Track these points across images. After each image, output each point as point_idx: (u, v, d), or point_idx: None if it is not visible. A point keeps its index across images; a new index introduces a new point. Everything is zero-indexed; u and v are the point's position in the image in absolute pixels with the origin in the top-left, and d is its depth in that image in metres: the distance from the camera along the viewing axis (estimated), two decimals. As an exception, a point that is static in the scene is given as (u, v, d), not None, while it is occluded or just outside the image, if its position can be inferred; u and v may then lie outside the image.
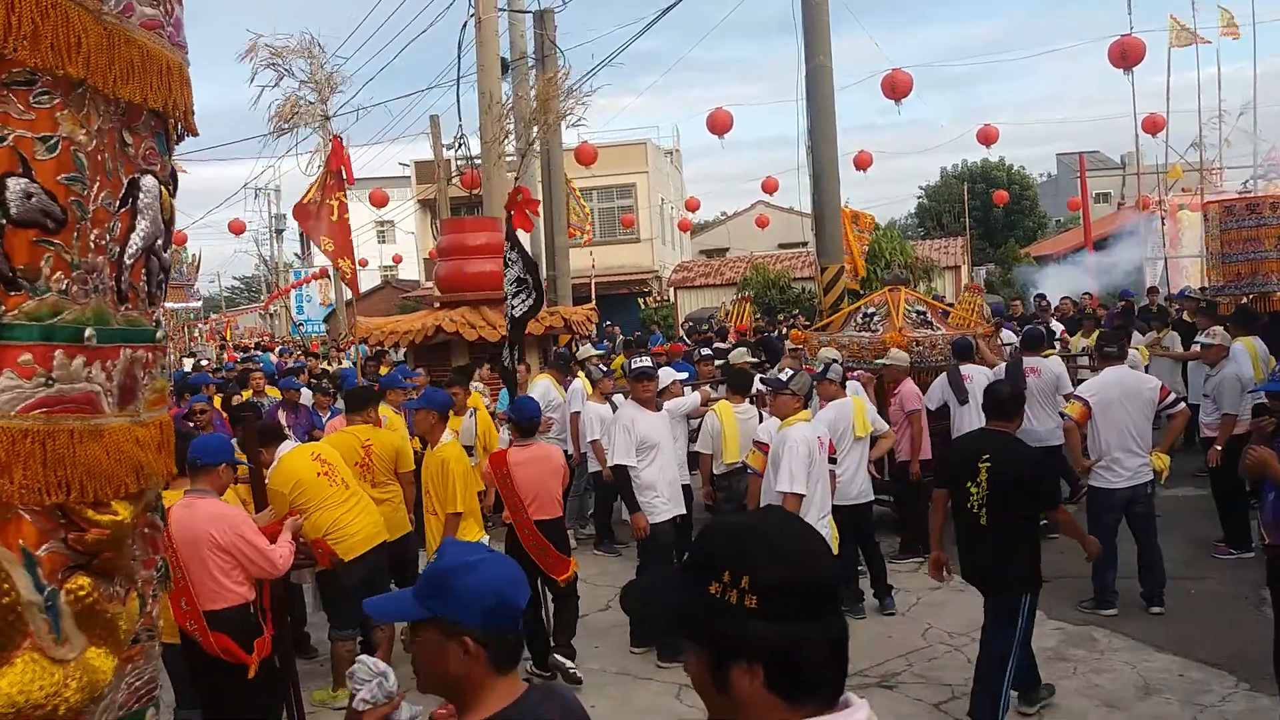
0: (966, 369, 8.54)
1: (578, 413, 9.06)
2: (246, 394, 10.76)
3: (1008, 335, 10.92)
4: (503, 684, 1.89)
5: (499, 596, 1.87)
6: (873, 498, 7.39)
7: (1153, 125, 20.74)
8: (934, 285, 24.41)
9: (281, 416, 9.16)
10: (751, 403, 7.86)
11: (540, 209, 16.30)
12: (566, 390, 9.45)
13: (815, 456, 5.92)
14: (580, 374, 9.71)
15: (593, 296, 18.38)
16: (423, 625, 1.89)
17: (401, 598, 2.00)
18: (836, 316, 10.65)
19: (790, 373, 6.90)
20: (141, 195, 1.68)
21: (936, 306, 10.41)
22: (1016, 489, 4.91)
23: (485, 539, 6.63)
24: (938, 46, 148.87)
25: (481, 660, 1.85)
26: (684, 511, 6.63)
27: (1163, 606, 6.61)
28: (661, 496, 6.42)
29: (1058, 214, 44.37)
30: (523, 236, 7.60)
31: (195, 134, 1.82)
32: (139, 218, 1.68)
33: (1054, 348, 9.81)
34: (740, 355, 9.92)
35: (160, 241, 1.75)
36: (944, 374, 8.64)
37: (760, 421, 7.35)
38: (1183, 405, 7.33)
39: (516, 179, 8.80)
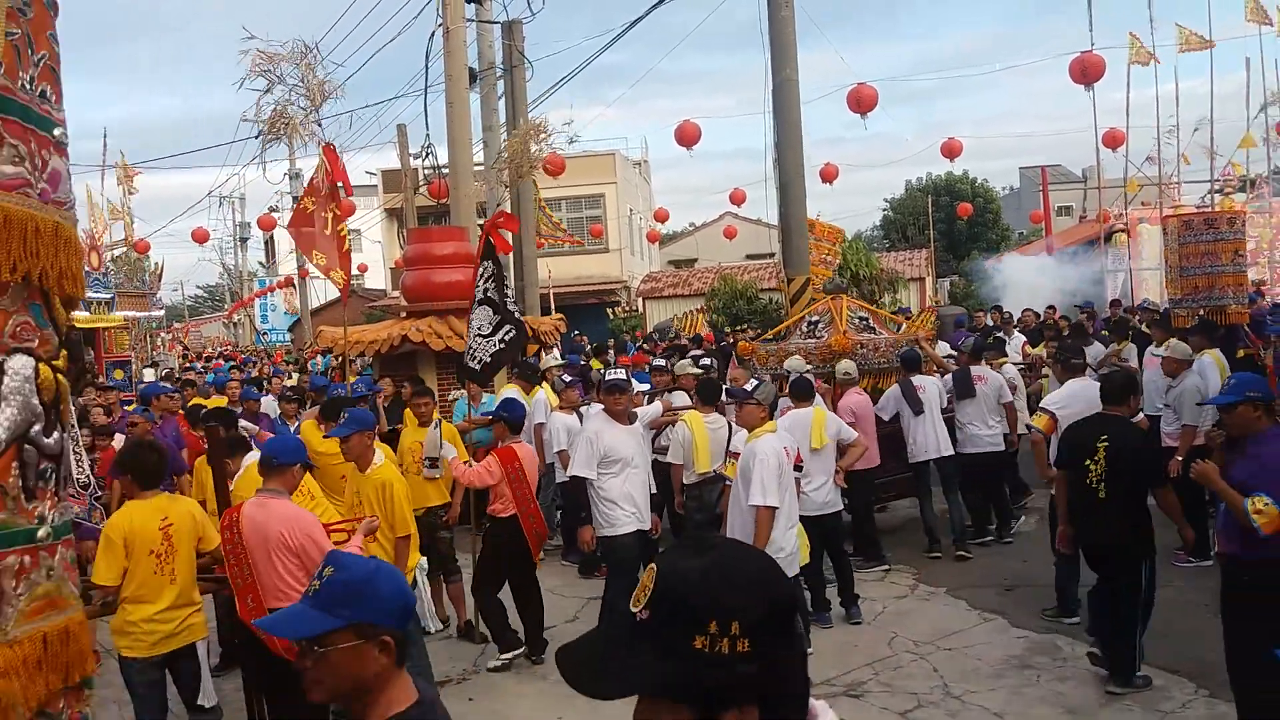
0: (918, 380, 8.68)
1: (542, 423, 9.05)
2: (218, 401, 10.55)
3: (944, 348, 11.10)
4: (403, 680, 2.00)
5: (405, 597, 2.05)
6: (840, 508, 7.42)
7: (1113, 140, 21.09)
8: (899, 297, 24.61)
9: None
10: (721, 413, 7.88)
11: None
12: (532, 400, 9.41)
13: (785, 467, 5.93)
14: (545, 385, 9.67)
15: (551, 307, 18.33)
16: (332, 634, 1.92)
17: (301, 614, 1.96)
18: (784, 325, 10.84)
19: (755, 383, 6.94)
20: (6, 379, 1.47)
21: (878, 313, 10.79)
22: (1132, 466, 5.51)
23: (424, 561, 6.70)
24: (902, 61, 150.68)
25: (393, 658, 1.96)
26: (648, 526, 6.57)
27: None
28: (625, 510, 6.37)
29: (1020, 226, 44.92)
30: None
31: (81, 298, 1.60)
32: (3, 405, 1.47)
33: (1006, 357, 10.04)
34: (684, 367, 9.90)
35: (39, 428, 1.53)
36: (896, 385, 8.77)
37: (730, 431, 7.39)
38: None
39: (496, 207, 8.77)
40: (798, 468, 6.42)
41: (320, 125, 10.14)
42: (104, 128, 55.82)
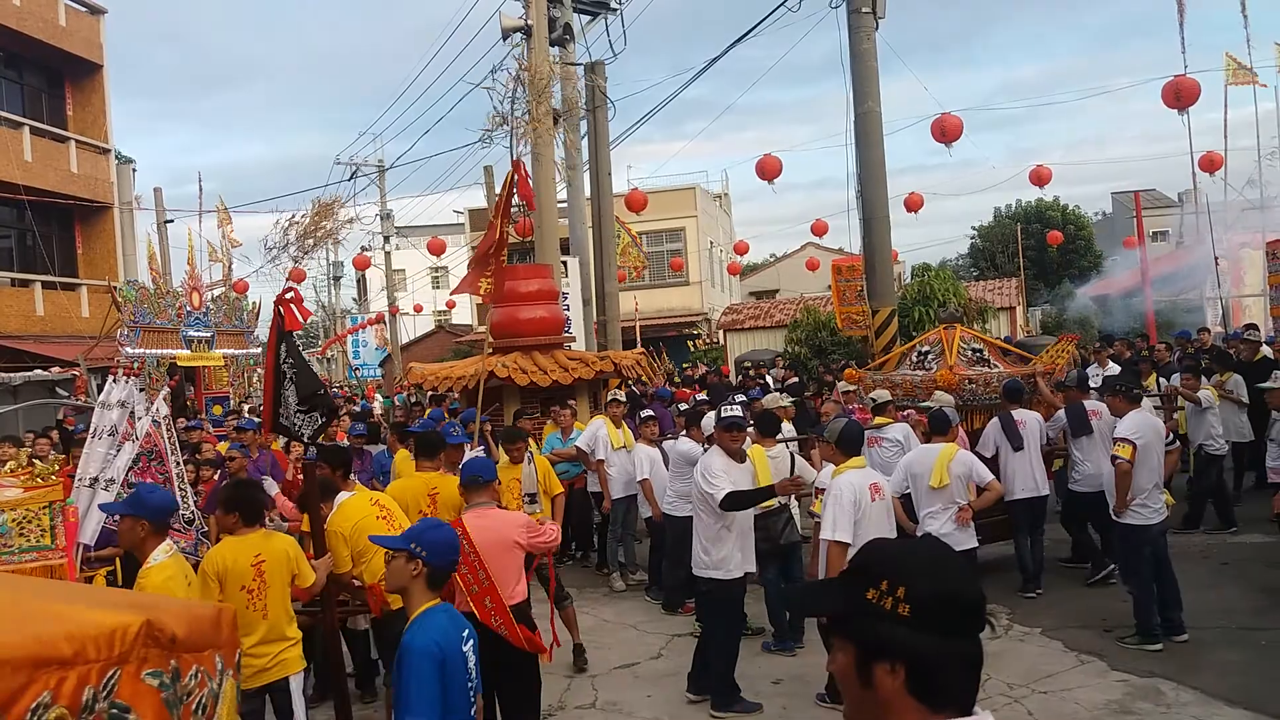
0: (1019, 414, 8.41)
1: (603, 460, 9.29)
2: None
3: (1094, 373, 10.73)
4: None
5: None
6: (974, 544, 7.16)
7: (1210, 163, 20.41)
8: (988, 327, 24.07)
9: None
10: (785, 445, 7.84)
11: (591, 254, 16.51)
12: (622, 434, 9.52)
13: (864, 504, 5.83)
14: (605, 419, 9.71)
15: (637, 340, 18.44)
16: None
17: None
18: (892, 355, 10.60)
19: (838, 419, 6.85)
20: None
21: (995, 345, 10.29)
22: None
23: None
24: (986, 86, 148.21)
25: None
26: (753, 569, 6.42)
27: (1185, 633, 6.83)
28: (738, 554, 6.21)
29: (1113, 253, 43.67)
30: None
31: None
32: None
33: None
34: (775, 400, 9.91)
35: None
36: (995, 419, 8.49)
37: (793, 462, 7.39)
38: (1177, 444, 8.01)
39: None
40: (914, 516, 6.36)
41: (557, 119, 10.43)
42: (199, 172, 58.04)
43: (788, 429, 8.87)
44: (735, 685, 6.21)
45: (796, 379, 16.78)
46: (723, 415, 6.47)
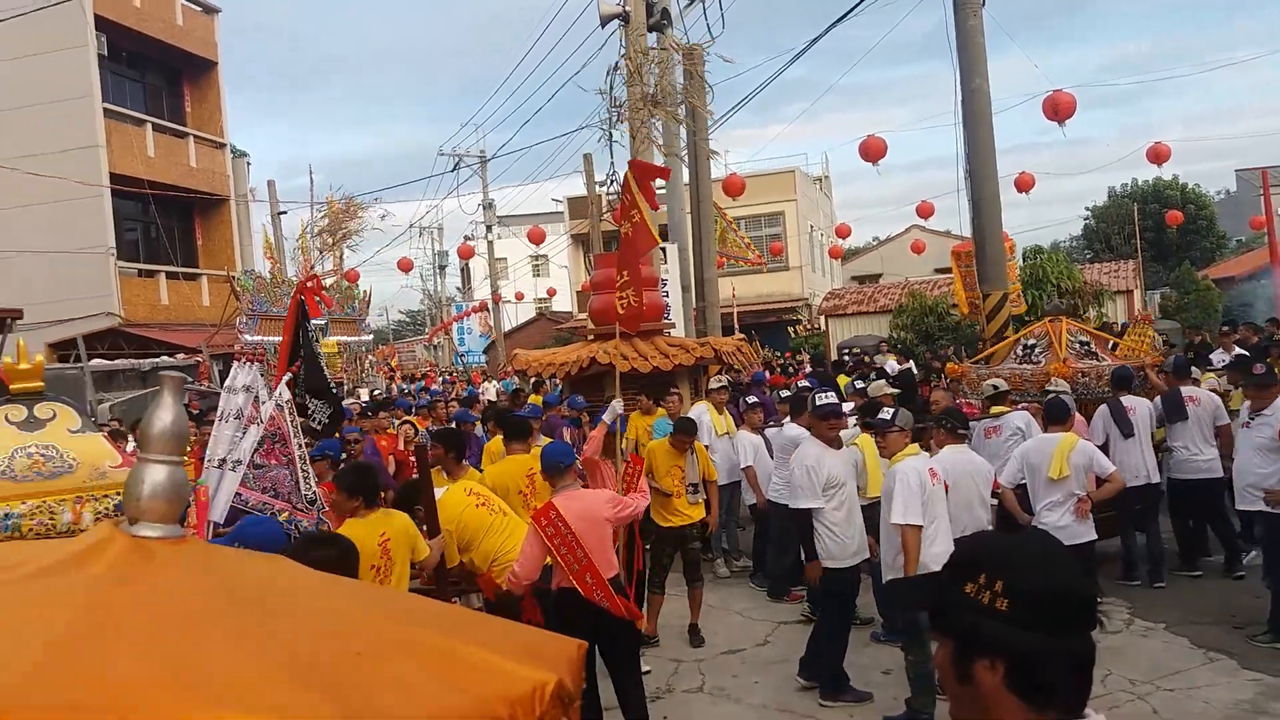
0: (1128, 400, 8.14)
1: (706, 445, 9.18)
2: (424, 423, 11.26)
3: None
4: None
5: None
6: (1093, 536, 6.91)
7: (1349, 135, 19.17)
8: (1104, 311, 23.17)
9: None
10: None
11: (690, 241, 16.46)
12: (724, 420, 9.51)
13: (929, 488, 5.71)
14: (709, 405, 9.69)
15: (735, 326, 18.30)
16: None
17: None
18: (999, 347, 10.31)
19: (892, 411, 6.65)
20: None
21: (1101, 337, 10.03)
22: None
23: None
24: (1098, 61, 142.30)
25: None
26: (868, 556, 6.37)
27: None
28: (851, 542, 6.15)
29: (1238, 233, 41.54)
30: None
31: None
32: None
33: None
34: (880, 388, 9.74)
35: None
36: (1104, 405, 8.22)
37: None
38: None
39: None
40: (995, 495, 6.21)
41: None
42: (309, 165, 60.05)
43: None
44: (844, 674, 6.14)
45: (909, 365, 16.49)
46: (818, 404, 6.38)
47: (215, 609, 1.35)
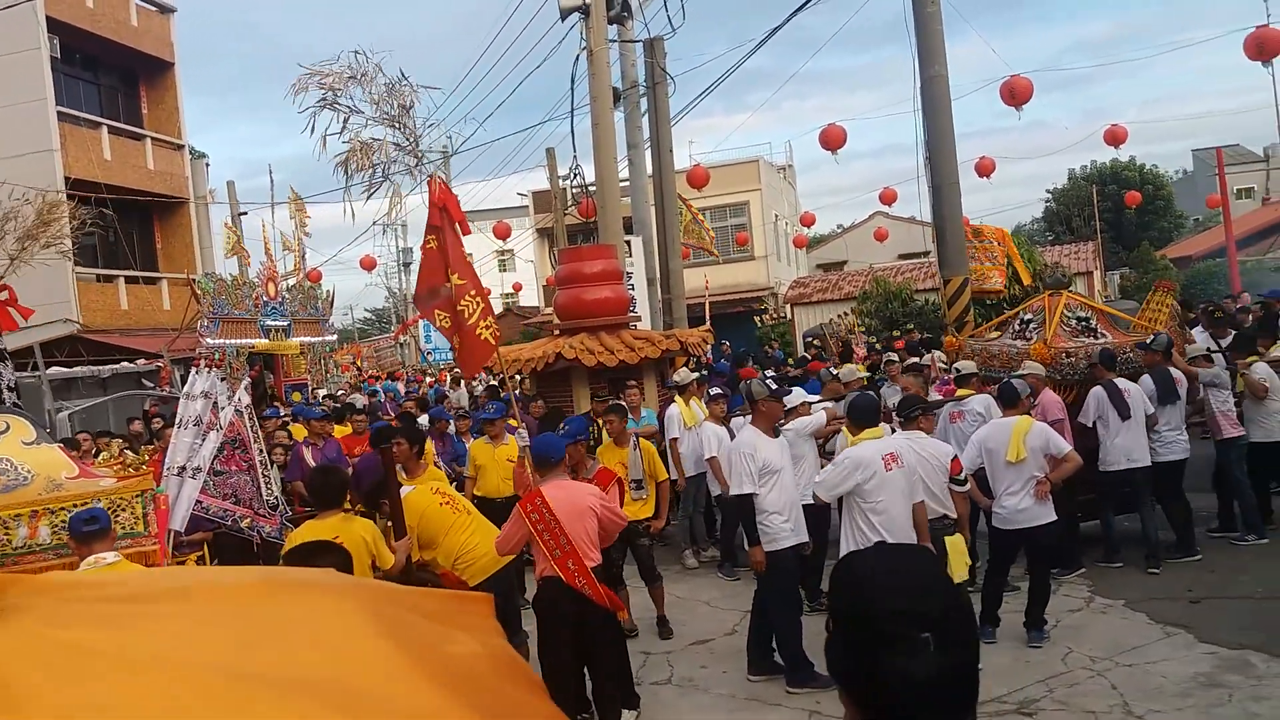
0: (1122, 383, 8.03)
1: (676, 438, 9.31)
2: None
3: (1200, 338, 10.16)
4: None
5: None
6: (1051, 519, 6.82)
7: (1298, 115, 19.54)
8: (1064, 292, 23.44)
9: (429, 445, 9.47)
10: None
11: (654, 232, 16.48)
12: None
13: (881, 473, 5.80)
14: (678, 399, 9.71)
15: (707, 317, 18.35)
16: None
17: None
18: (993, 323, 10.32)
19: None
20: None
21: (1105, 311, 9.61)
22: None
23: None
24: (1055, 44, 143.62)
25: None
26: (806, 539, 6.47)
27: None
28: (785, 523, 6.28)
29: (1196, 213, 42.19)
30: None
31: None
32: None
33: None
34: (851, 373, 9.74)
35: None
36: (1098, 387, 8.05)
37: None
38: None
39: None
40: (956, 480, 6.27)
41: (418, 152, 9.06)
42: (269, 165, 59.43)
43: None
44: (806, 659, 6.19)
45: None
46: (768, 391, 6.65)
47: None
